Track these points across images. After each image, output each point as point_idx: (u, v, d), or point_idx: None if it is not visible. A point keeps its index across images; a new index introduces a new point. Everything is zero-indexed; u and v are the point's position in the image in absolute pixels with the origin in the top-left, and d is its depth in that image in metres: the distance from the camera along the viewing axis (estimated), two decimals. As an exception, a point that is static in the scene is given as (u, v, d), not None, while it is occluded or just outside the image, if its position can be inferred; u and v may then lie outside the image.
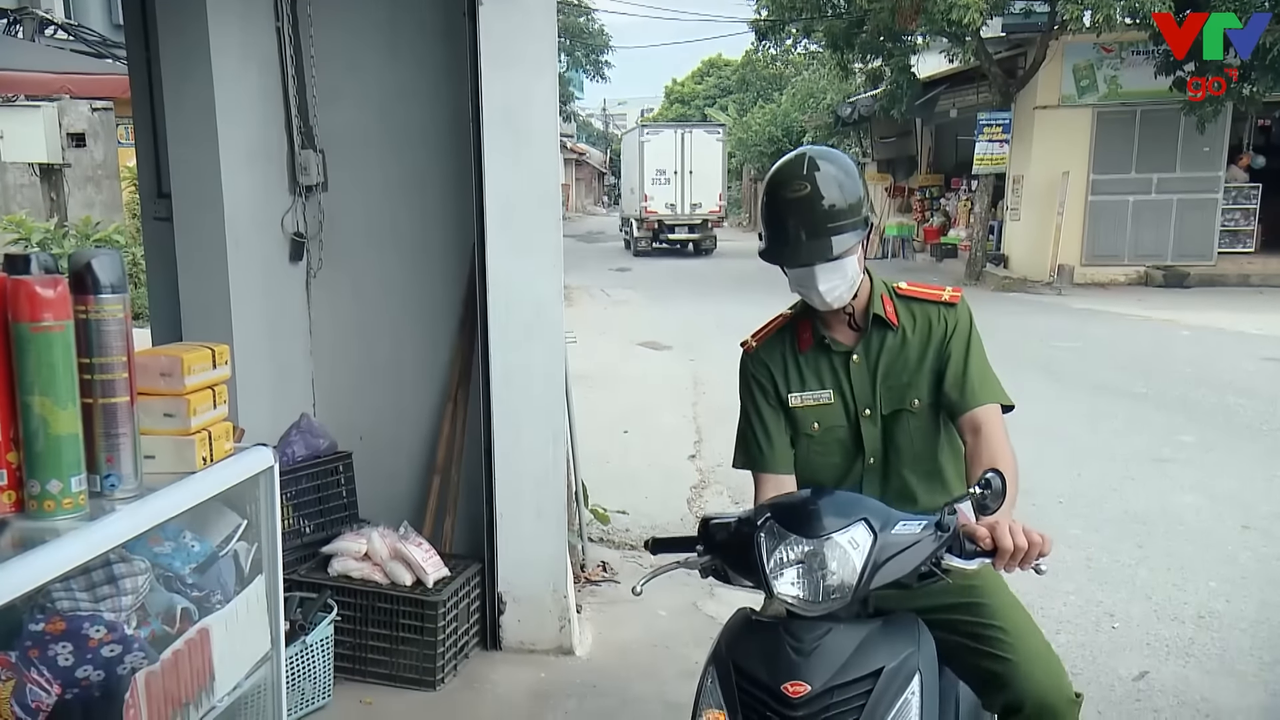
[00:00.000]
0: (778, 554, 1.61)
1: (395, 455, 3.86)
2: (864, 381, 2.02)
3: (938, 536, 1.62)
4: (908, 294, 2.06)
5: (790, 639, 1.59)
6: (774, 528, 1.63)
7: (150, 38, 3.64)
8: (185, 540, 1.68)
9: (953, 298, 2.06)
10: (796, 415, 2.06)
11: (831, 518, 1.62)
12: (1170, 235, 16.11)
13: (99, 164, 13.61)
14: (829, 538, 1.59)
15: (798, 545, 1.60)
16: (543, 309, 3.50)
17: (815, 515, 1.63)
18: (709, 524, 1.79)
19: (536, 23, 3.34)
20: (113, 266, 1.43)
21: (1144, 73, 14.52)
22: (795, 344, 2.09)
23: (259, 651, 1.84)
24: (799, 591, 1.60)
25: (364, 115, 3.73)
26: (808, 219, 1.89)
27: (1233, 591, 4.21)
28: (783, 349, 2.10)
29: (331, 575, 3.37)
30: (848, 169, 1.96)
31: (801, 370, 2.07)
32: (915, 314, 2.04)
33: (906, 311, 2.04)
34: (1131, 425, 7.15)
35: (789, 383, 2.07)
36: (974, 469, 1.90)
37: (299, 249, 3.78)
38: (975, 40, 15.28)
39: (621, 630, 3.82)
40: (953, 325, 2.02)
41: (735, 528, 1.72)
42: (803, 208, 1.89)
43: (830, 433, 2.04)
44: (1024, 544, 1.61)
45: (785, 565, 1.60)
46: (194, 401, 1.61)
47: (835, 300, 1.95)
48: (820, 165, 1.92)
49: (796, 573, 1.60)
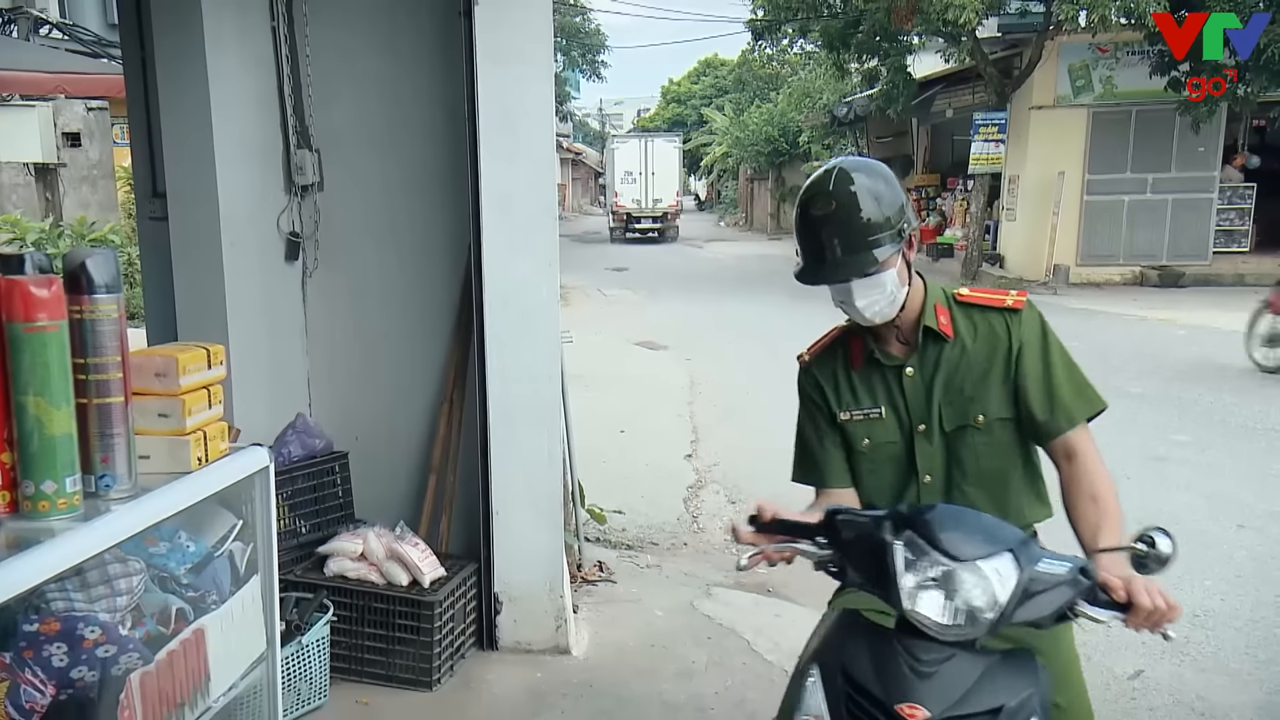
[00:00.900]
0: (916, 570, 1.53)
1: (391, 455, 3.85)
2: (919, 397, 1.94)
3: (1079, 583, 1.55)
4: (968, 300, 1.96)
5: (908, 656, 1.52)
6: (914, 540, 1.54)
7: (145, 37, 3.63)
8: (180, 540, 1.68)
9: (1016, 303, 1.94)
10: (847, 430, 2.01)
11: (978, 542, 1.54)
12: (1165, 235, 16.13)
13: (94, 164, 13.59)
14: (975, 564, 1.51)
15: (939, 565, 1.52)
16: (539, 308, 3.50)
17: (960, 536, 1.55)
18: (837, 517, 1.68)
19: (533, 22, 3.34)
20: (107, 266, 1.43)
21: (1139, 73, 14.54)
22: (848, 359, 2.02)
23: (254, 652, 1.84)
24: (938, 616, 1.51)
25: (360, 115, 3.73)
26: (839, 234, 1.82)
27: (1228, 590, 4.22)
28: (835, 365, 2.04)
29: (328, 575, 3.36)
30: (883, 178, 1.88)
31: (854, 386, 2.01)
32: (977, 323, 1.94)
33: (967, 321, 1.94)
34: (1127, 425, 7.15)
35: (840, 399, 2.02)
36: (1072, 497, 1.86)
37: (295, 249, 3.78)
38: (971, 40, 15.29)
39: (618, 630, 3.82)
40: (1021, 336, 1.91)
41: (868, 528, 1.62)
42: (832, 223, 1.83)
43: (881, 449, 1.98)
44: (1162, 606, 1.54)
45: (924, 584, 1.52)
46: (189, 402, 1.61)
47: (876, 316, 1.88)
48: (852, 178, 1.85)
49: (939, 596, 1.52)
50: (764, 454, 6.55)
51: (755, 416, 7.68)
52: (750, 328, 11.94)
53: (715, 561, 4.69)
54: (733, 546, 4.92)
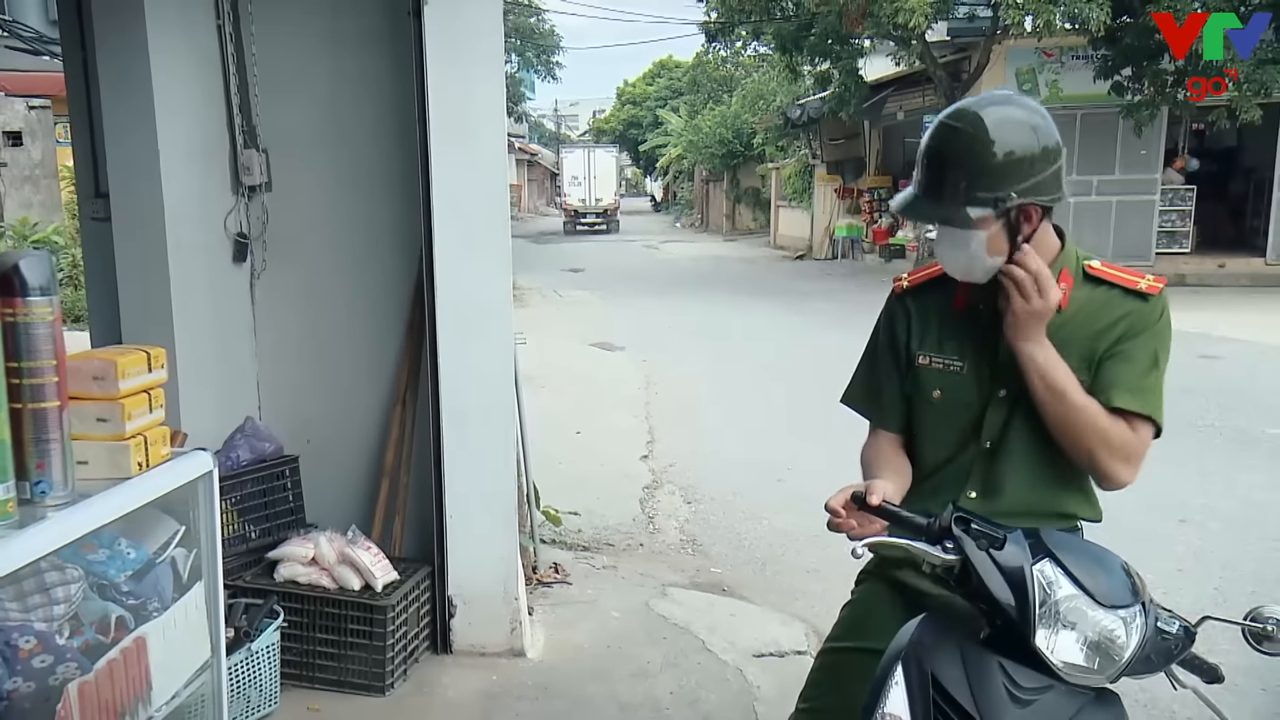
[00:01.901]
0: (1054, 606, 1.49)
1: (343, 458, 3.81)
2: (1011, 359, 1.73)
3: (1183, 646, 1.55)
4: (1098, 274, 1.77)
5: (1006, 678, 1.49)
6: (1051, 571, 1.51)
7: (86, 34, 3.55)
8: (120, 547, 1.65)
9: (1150, 288, 1.74)
10: (921, 375, 1.84)
11: (1115, 587, 1.52)
12: (1110, 236, 16.46)
13: (37, 163, 13.27)
14: (1115, 611, 1.49)
15: (1077, 603, 1.49)
16: (492, 309, 3.48)
17: (1099, 576, 1.52)
18: (969, 526, 1.57)
19: (483, 21, 3.32)
20: (41, 268, 1.40)
21: (1083, 77, 14.86)
22: (950, 298, 1.83)
23: (199, 660, 1.81)
24: (1071, 656, 1.48)
25: (308, 114, 3.68)
26: (947, 173, 1.68)
27: (1170, 585, 4.31)
28: (935, 301, 1.85)
29: (278, 581, 3.32)
30: (1032, 136, 1.68)
31: (946, 329, 1.83)
32: (1098, 297, 1.76)
33: (1089, 294, 1.76)
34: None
35: (925, 338, 1.85)
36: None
37: (242, 250, 3.72)
38: (920, 44, 15.50)
39: (573, 631, 3.82)
40: (1139, 319, 1.73)
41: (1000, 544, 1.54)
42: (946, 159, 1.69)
43: (951, 406, 1.82)
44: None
45: (1060, 622, 1.49)
46: (129, 406, 1.58)
47: (954, 272, 1.75)
48: (994, 120, 1.67)
49: (1073, 636, 1.49)
50: (720, 454, 6.58)
51: (711, 417, 7.71)
52: (706, 328, 11.99)
53: (671, 562, 4.70)
54: (689, 547, 4.94)
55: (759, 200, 32.38)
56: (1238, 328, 11.14)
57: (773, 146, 28.44)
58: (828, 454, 6.88)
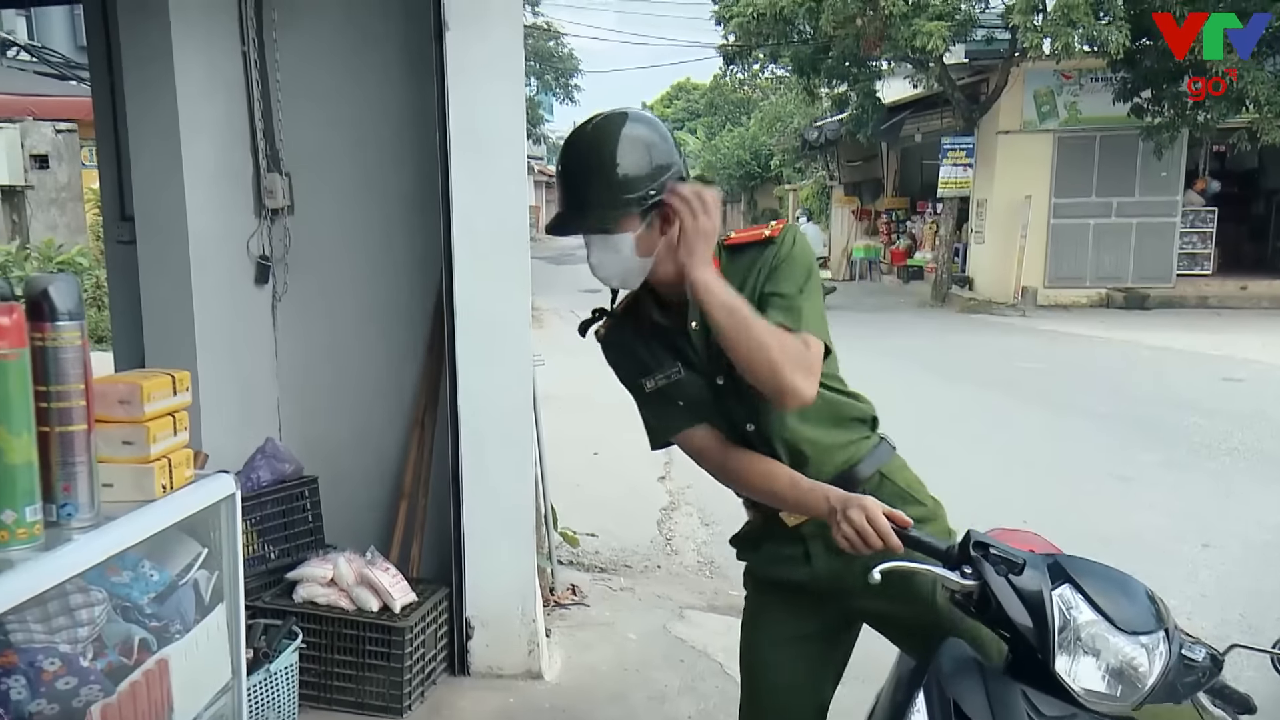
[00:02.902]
0: (1074, 632, 1.48)
1: (362, 479, 3.83)
2: (704, 350, 1.81)
3: (1209, 673, 1.54)
4: (734, 242, 1.84)
5: (1028, 706, 1.48)
6: (1071, 596, 1.50)
7: (114, 60, 3.62)
8: (144, 569, 1.66)
9: (774, 231, 1.81)
10: (661, 397, 1.88)
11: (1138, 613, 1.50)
12: (1130, 258, 16.39)
13: (63, 186, 13.43)
14: (1136, 638, 1.48)
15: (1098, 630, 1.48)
16: (510, 330, 3.49)
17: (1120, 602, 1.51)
18: (989, 552, 1.57)
19: (504, 46, 3.36)
20: (70, 293, 1.42)
21: (1103, 99, 14.83)
22: (636, 324, 1.90)
23: (220, 681, 1.82)
24: (1092, 684, 1.47)
25: (330, 138, 3.72)
26: (585, 184, 1.72)
27: (1193, 610, 4.26)
28: (627, 334, 1.92)
29: (297, 602, 3.32)
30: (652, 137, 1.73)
31: (648, 351, 1.88)
32: (742, 263, 1.81)
33: (734, 266, 1.80)
34: (1094, 444, 7.24)
35: (639, 368, 1.89)
36: None
37: (264, 272, 3.76)
38: (938, 66, 15.53)
39: (591, 654, 3.80)
40: (772, 256, 1.78)
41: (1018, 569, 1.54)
42: (581, 172, 1.72)
43: (698, 405, 1.86)
44: None
45: (1080, 648, 1.48)
46: (153, 429, 1.59)
47: (610, 279, 1.81)
48: (617, 128, 1.72)
49: (1094, 663, 1.47)
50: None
51: (728, 438, 7.67)
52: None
53: (689, 584, 4.69)
54: (706, 569, 4.92)
55: (776, 221, 32.37)
56: (1261, 350, 11.05)
57: (790, 168, 28.51)
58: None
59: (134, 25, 3.29)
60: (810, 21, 16.35)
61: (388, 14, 3.61)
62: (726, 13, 17.74)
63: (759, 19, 16.58)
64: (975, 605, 1.57)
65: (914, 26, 14.00)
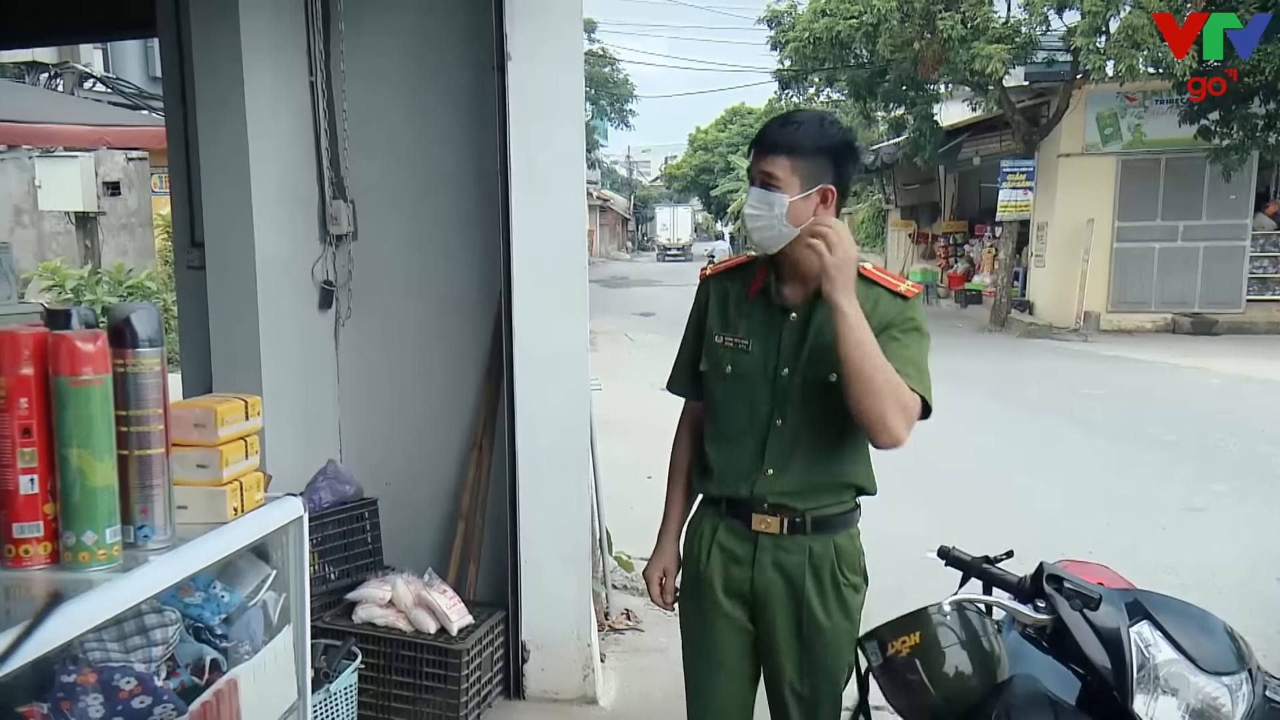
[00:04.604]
0: (1153, 671, 1.45)
1: (420, 501, 3.87)
2: (793, 342, 1.97)
3: None
4: (868, 275, 1.97)
5: None
6: (1150, 634, 1.46)
7: (187, 91, 3.73)
8: (215, 591, 1.69)
9: (909, 291, 1.99)
10: (716, 352, 2.05)
11: (1220, 652, 1.47)
12: (1198, 282, 16.00)
13: (132, 212, 13.86)
14: (1219, 679, 1.45)
15: (1178, 670, 1.44)
16: (568, 356, 3.52)
17: (1201, 640, 1.48)
18: (1063, 585, 1.53)
19: (565, 76, 3.40)
20: (150, 320, 1.46)
21: (1168, 121, 14.54)
22: (745, 286, 2.06)
23: (286, 702, 1.84)
24: None
25: (393, 166, 3.80)
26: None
27: (1269, 647, 4.12)
28: (732, 285, 2.08)
29: (356, 622, 3.36)
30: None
31: (739, 311, 2.05)
32: (867, 294, 1.94)
33: (863, 291, 1.92)
34: (1162, 474, 7.05)
35: (720, 319, 2.07)
36: None
37: (328, 297, 3.83)
38: (998, 89, 15.37)
39: (646, 679, 3.79)
40: (905, 314, 1.95)
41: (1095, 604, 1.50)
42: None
43: (741, 382, 2.01)
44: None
45: (1159, 688, 1.44)
46: (226, 452, 1.63)
47: (755, 233, 1.93)
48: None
49: (1174, 703, 1.43)
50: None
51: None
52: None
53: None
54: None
55: (831, 245, 32.18)
56: (1337, 378, 10.69)
57: (845, 191, 28.31)
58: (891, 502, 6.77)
59: (207, 57, 3.39)
60: (867, 45, 16.32)
61: (451, 44, 3.68)
62: (783, 37, 17.78)
63: (815, 43, 16.60)
64: (1048, 640, 1.54)
65: (973, 50, 13.89)
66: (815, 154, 1.89)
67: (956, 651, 1.57)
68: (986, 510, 6.07)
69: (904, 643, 1.58)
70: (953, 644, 1.57)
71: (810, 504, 1.98)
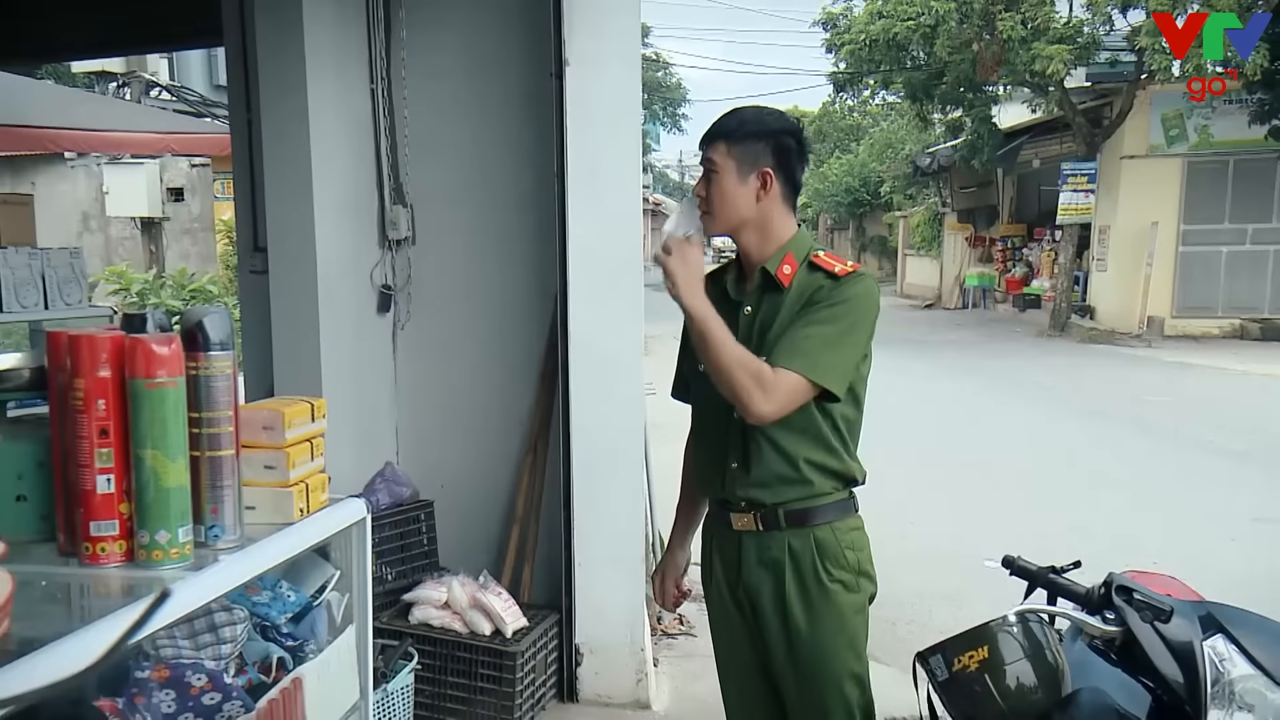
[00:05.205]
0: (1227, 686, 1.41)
1: (476, 504, 3.90)
2: (748, 335, 1.99)
3: None
4: (817, 262, 1.99)
5: None
6: (1224, 648, 1.43)
7: (251, 99, 3.81)
8: (282, 590, 1.72)
9: (843, 271, 1.97)
10: (693, 354, 2.06)
11: None
12: (1267, 287, 15.55)
13: (195, 217, 14.21)
14: None
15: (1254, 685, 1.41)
16: (623, 361, 3.53)
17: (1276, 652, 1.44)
18: (1133, 597, 1.50)
19: (622, 84, 3.42)
20: (223, 324, 1.49)
21: (1237, 122, 14.16)
22: (722, 286, 2.10)
23: (349, 701, 1.87)
24: None
25: (452, 172, 3.83)
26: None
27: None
28: (714, 287, 2.08)
29: (412, 623, 3.40)
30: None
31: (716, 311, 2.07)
32: (811, 279, 1.98)
33: (808, 278, 1.98)
34: (1231, 484, 6.85)
35: None
36: None
37: (387, 301, 3.88)
38: (1059, 91, 15.10)
39: (699, 685, 3.77)
40: (825, 293, 1.95)
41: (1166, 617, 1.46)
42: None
43: (708, 378, 1.99)
44: None
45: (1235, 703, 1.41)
46: (293, 454, 1.65)
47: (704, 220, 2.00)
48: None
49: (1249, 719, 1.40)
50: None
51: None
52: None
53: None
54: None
55: (885, 249, 31.90)
56: None
57: (901, 195, 28.05)
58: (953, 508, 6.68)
59: (272, 65, 3.46)
60: (925, 47, 16.14)
61: (509, 52, 3.71)
62: (838, 40, 17.65)
63: (871, 45, 16.45)
64: (1116, 652, 1.51)
65: (1033, 50, 13.66)
66: (751, 138, 1.96)
67: (1022, 664, 1.54)
68: (1046, 518, 5.96)
69: (972, 658, 1.56)
70: (1018, 657, 1.54)
71: (780, 497, 1.99)
